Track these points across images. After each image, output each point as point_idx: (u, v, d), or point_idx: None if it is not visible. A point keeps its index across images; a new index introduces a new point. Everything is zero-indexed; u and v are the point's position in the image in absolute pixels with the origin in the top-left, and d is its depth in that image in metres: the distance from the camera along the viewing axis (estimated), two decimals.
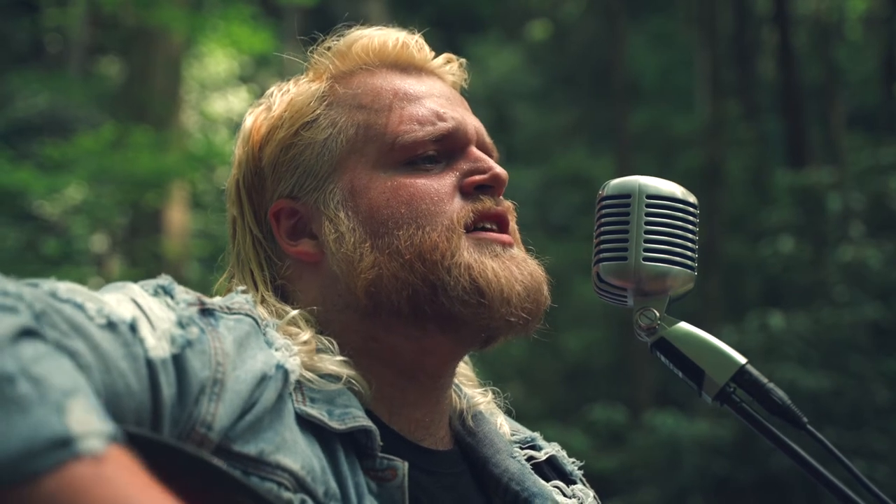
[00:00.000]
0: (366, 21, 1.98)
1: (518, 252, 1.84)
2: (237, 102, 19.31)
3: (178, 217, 14.32)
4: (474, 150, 1.86)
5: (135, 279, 1.64)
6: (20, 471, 1.14)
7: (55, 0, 16.65)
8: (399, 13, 21.94)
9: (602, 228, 1.80)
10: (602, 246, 1.79)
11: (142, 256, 13.83)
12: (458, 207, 1.79)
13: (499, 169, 1.85)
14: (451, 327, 1.77)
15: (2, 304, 1.27)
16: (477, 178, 1.83)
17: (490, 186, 1.84)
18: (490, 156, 1.90)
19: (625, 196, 1.79)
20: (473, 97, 1.99)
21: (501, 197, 1.87)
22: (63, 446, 1.16)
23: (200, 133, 17.12)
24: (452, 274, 1.73)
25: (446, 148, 1.84)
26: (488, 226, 1.83)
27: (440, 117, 1.84)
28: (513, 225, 1.87)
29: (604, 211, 1.81)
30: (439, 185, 1.81)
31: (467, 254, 1.76)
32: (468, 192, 1.82)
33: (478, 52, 22.10)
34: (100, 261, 15.51)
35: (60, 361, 1.25)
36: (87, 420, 1.19)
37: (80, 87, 16.31)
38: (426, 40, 1.97)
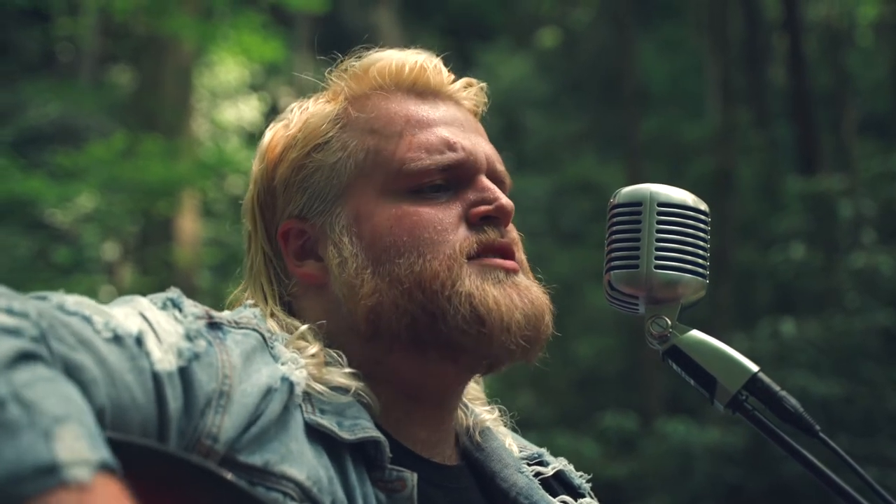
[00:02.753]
0: (375, 30, 1.98)
1: (522, 279, 1.83)
2: (248, 111, 19.35)
3: (189, 225, 14.34)
4: (483, 180, 1.86)
5: (146, 287, 1.66)
6: (4, 496, 1.14)
7: (66, 9, 16.68)
8: (409, 22, 21.96)
9: (613, 236, 1.80)
10: (613, 254, 1.79)
11: (153, 265, 13.87)
12: (462, 237, 1.79)
13: (505, 200, 1.84)
14: (451, 355, 1.77)
15: (4, 324, 1.27)
16: (482, 208, 1.82)
17: (496, 218, 1.83)
18: (501, 184, 1.90)
19: (636, 204, 1.79)
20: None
21: (510, 227, 1.86)
22: (48, 473, 1.15)
23: (211, 141, 17.15)
24: (453, 303, 1.73)
25: (454, 177, 1.84)
26: (492, 256, 1.82)
27: (450, 147, 1.84)
28: (520, 255, 1.86)
29: (615, 219, 1.81)
30: (444, 214, 1.80)
31: (469, 281, 1.75)
32: (473, 222, 1.82)
33: (487, 60, 22.10)
34: (111, 269, 15.55)
35: (56, 386, 1.25)
36: (75, 448, 1.18)
37: (92, 95, 16.34)
38: (436, 49, 1.98)
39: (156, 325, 1.51)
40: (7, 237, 12.68)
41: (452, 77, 1.95)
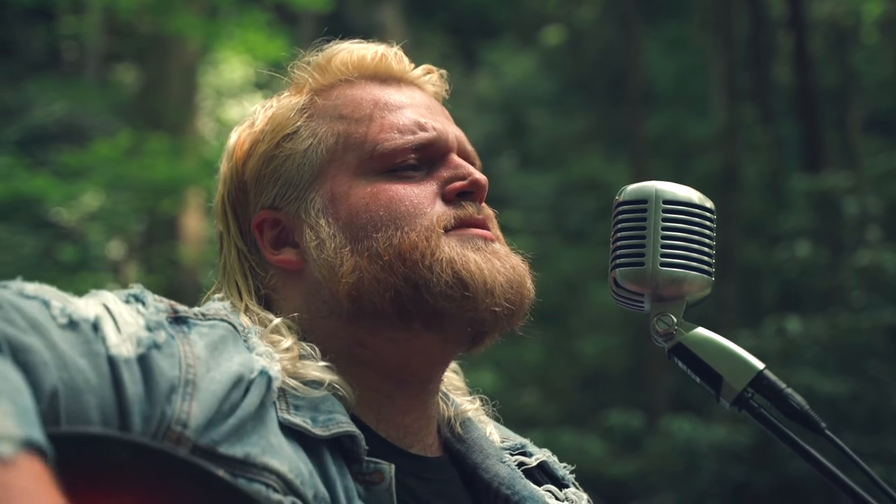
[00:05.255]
0: (380, 28, 2.00)
1: (500, 247, 1.85)
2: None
3: (193, 224, 14.35)
4: (455, 158, 1.89)
5: (152, 286, 1.66)
6: None
7: (71, 8, 16.68)
8: (413, 19, 21.93)
9: (619, 234, 1.80)
10: (619, 251, 1.79)
11: (158, 263, 13.86)
12: (439, 212, 1.81)
13: (479, 175, 1.87)
14: (437, 325, 1.78)
15: None
16: (458, 184, 1.86)
17: (471, 192, 1.87)
18: (472, 164, 1.92)
19: (641, 201, 1.79)
20: (488, 103, 2.00)
21: (483, 205, 1.89)
22: None
23: (216, 140, 17.15)
24: (434, 271, 1.75)
25: (427, 156, 1.87)
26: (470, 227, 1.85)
27: (421, 127, 1.87)
28: (495, 230, 1.89)
29: (620, 216, 1.81)
30: (420, 190, 1.83)
31: (448, 249, 1.78)
32: (450, 199, 1.84)
33: (492, 58, 22.08)
34: (116, 267, 15.54)
35: None
36: (2, 424, 1.18)
37: (97, 94, 16.34)
38: (440, 46, 2.00)
39: (117, 316, 1.52)
40: (12, 236, 12.69)
41: (413, 65, 1.99)
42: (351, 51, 1.94)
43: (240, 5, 14.08)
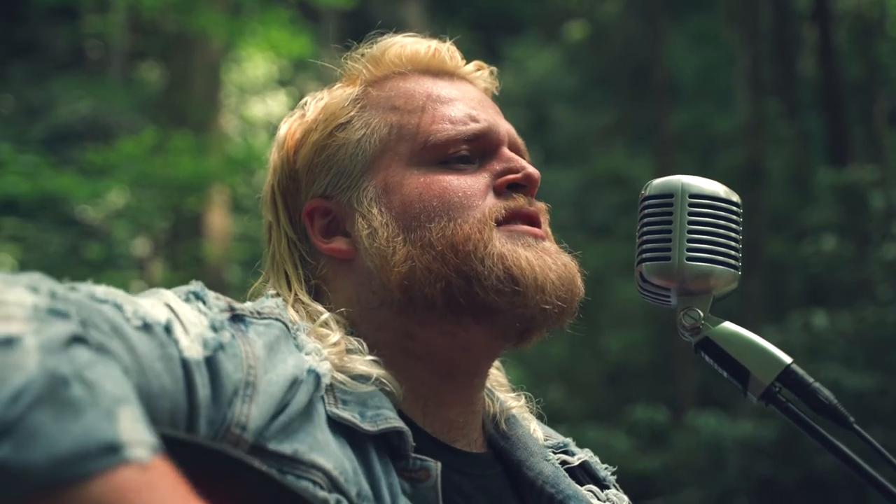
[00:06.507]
0: (403, 24, 2.00)
1: (550, 245, 1.85)
2: (276, 106, 19.40)
3: (218, 221, 14.38)
4: (506, 151, 1.89)
5: (177, 283, 1.66)
6: (68, 472, 1.15)
7: (96, 7, 16.74)
8: (437, 15, 21.94)
9: (645, 228, 1.80)
10: (645, 246, 1.79)
11: (183, 260, 13.90)
12: (490, 203, 1.81)
13: (531, 169, 1.87)
14: (487, 318, 1.78)
15: (54, 307, 1.28)
16: (510, 177, 1.85)
17: (523, 186, 1.86)
18: (522, 157, 1.92)
19: (667, 196, 1.79)
20: (512, 98, 2.01)
21: (534, 198, 1.89)
22: (113, 452, 1.17)
23: (240, 137, 17.20)
24: (486, 264, 1.75)
25: (479, 148, 1.87)
26: (520, 223, 1.85)
27: (473, 118, 1.87)
28: (545, 227, 1.89)
29: (646, 211, 1.81)
30: (472, 181, 1.83)
31: (499, 244, 1.77)
32: (501, 191, 1.84)
33: (516, 54, 22.06)
34: (142, 265, 15.61)
35: (110, 369, 1.26)
36: (135, 429, 1.20)
37: (121, 92, 16.40)
38: (464, 43, 2.01)
39: (182, 316, 1.52)
40: (39, 234, 12.77)
41: (465, 60, 2.00)
42: (405, 44, 1.95)
43: (263, 3, 14.10)
